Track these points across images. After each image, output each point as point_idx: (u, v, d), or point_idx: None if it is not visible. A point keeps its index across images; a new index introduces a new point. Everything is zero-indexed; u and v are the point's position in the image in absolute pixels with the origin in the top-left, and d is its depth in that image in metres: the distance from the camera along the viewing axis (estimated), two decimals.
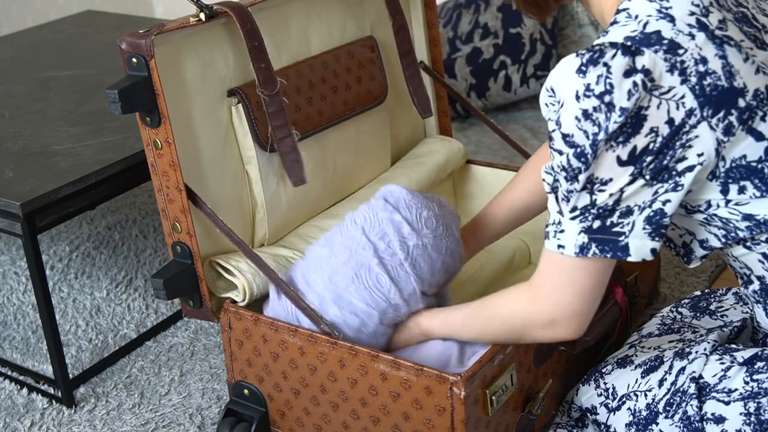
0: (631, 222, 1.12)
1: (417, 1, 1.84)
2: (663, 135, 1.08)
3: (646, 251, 1.13)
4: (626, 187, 1.10)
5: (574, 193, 1.12)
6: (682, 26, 1.09)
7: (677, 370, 1.26)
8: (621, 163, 1.09)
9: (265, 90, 1.46)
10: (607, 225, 1.12)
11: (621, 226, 1.12)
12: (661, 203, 1.11)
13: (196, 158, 1.44)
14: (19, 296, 2.00)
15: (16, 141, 1.71)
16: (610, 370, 1.36)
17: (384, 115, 1.76)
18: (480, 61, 2.62)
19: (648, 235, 1.12)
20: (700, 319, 1.45)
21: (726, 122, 1.08)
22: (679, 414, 1.23)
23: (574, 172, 1.11)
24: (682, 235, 1.23)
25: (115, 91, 1.31)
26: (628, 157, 1.08)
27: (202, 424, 1.56)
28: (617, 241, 1.12)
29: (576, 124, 1.08)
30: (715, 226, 1.17)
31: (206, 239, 1.45)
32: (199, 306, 1.45)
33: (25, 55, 2.22)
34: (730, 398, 1.20)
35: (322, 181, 1.64)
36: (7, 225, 1.54)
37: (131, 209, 2.35)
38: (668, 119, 1.07)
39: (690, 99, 1.07)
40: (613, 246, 1.13)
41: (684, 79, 1.07)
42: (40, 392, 1.67)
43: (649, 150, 1.08)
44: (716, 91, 1.08)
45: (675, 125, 1.07)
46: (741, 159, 1.10)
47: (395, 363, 1.27)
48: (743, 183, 1.11)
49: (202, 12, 1.38)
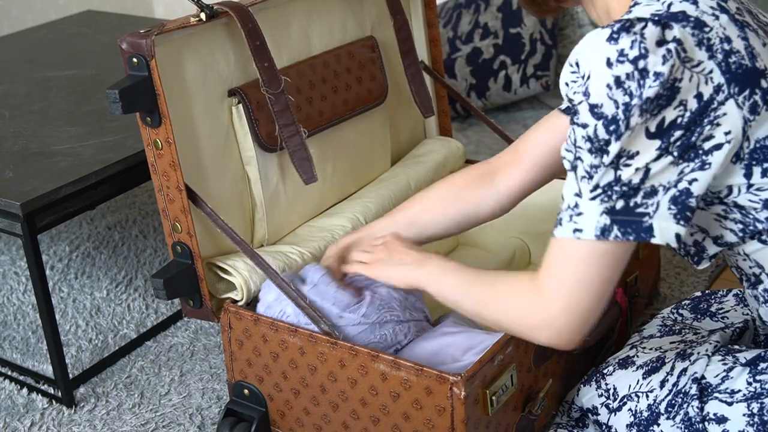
0: (655, 202, 1.07)
1: (417, 1, 1.84)
2: (691, 110, 1.06)
3: (671, 235, 1.07)
4: (652, 164, 1.06)
5: (599, 169, 1.07)
6: (705, 8, 1.10)
7: (679, 371, 1.26)
8: (649, 136, 1.05)
9: (270, 89, 1.46)
10: (630, 206, 1.07)
11: (645, 206, 1.07)
12: (687, 183, 1.07)
13: (197, 158, 1.44)
14: (19, 296, 2.00)
15: (16, 141, 1.71)
16: (611, 371, 1.36)
17: (384, 115, 1.76)
18: (480, 61, 2.62)
19: (673, 217, 1.07)
20: (701, 321, 1.45)
21: (752, 101, 1.08)
22: (681, 415, 1.23)
23: (600, 144, 1.06)
24: (694, 233, 1.20)
25: (115, 91, 1.31)
26: (656, 129, 1.05)
27: (202, 424, 1.56)
28: (641, 222, 1.07)
29: (607, 92, 1.04)
30: (733, 219, 1.15)
31: (206, 239, 1.45)
32: (199, 306, 1.45)
33: (25, 55, 2.22)
34: (733, 399, 1.20)
35: (322, 181, 1.64)
36: (7, 225, 1.54)
37: (131, 209, 2.35)
38: (697, 93, 1.06)
39: (717, 75, 1.07)
40: (636, 227, 1.07)
41: (711, 55, 1.07)
42: (40, 392, 1.67)
43: (677, 124, 1.05)
44: (741, 70, 1.08)
45: (704, 100, 1.06)
46: (765, 140, 1.09)
47: (395, 363, 1.27)
48: (767, 165, 1.10)
49: (202, 12, 1.38)
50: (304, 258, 1.52)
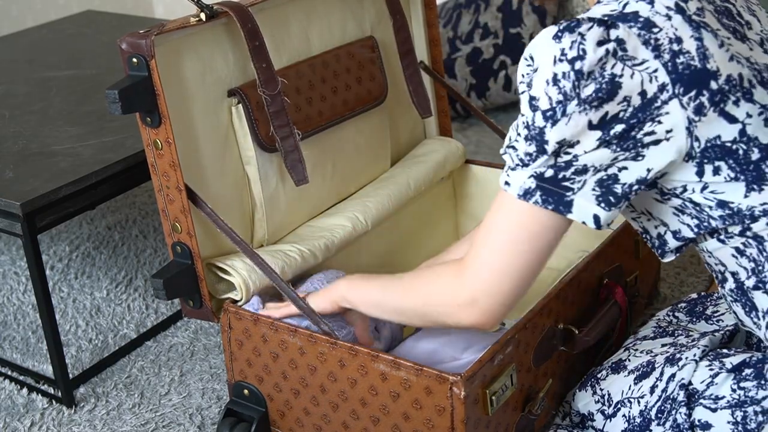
0: (582, 180, 1.11)
1: (417, 1, 1.84)
2: (634, 106, 1.09)
3: (588, 215, 1.12)
4: (590, 150, 1.10)
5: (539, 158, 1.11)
6: (660, 8, 1.11)
7: (668, 376, 1.26)
8: (591, 127, 1.09)
9: (267, 90, 1.46)
10: (558, 177, 1.11)
11: (572, 182, 1.11)
12: (617, 169, 1.11)
13: (196, 158, 1.44)
14: (19, 296, 2.00)
15: (16, 141, 1.71)
16: (605, 375, 1.36)
17: (384, 116, 1.76)
18: (480, 61, 2.62)
19: (595, 198, 1.11)
20: (696, 324, 1.45)
21: (697, 101, 1.09)
22: (670, 421, 1.23)
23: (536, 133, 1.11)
24: (657, 226, 1.23)
25: (115, 92, 1.31)
26: (599, 121, 1.08)
27: (202, 424, 1.56)
28: (563, 195, 1.11)
29: (544, 87, 1.09)
30: (689, 214, 1.17)
31: (206, 239, 1.45)
32: (199, 306, 1.45)
33: (25, 55, 2.22)
34: (717, 405, 1.20)
35: (321, 181, 1.64)
36: (7, 225, 1.54)
37: (131, 209, 2.35)
38: (641, 90, 1.08)
39: (663, 74, 1.09)
40: (557, 199, 1.11)
41: (657, 55, 1.09)
42: (40, 392, 1.67)
43: (619, 118, 1.09)
44: (689, 70, 1.09)
45: (647, 98, 1.09)
46: (716, 139, 1.11)
47: (395, 363, 1.27)
48: (718, 163, 1.12)
49: (202, 12, 1.38)
50: (303, 256, 1.52)
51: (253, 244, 1.57)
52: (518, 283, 1.16)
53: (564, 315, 1.43)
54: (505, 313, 1.18)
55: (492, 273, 1.16)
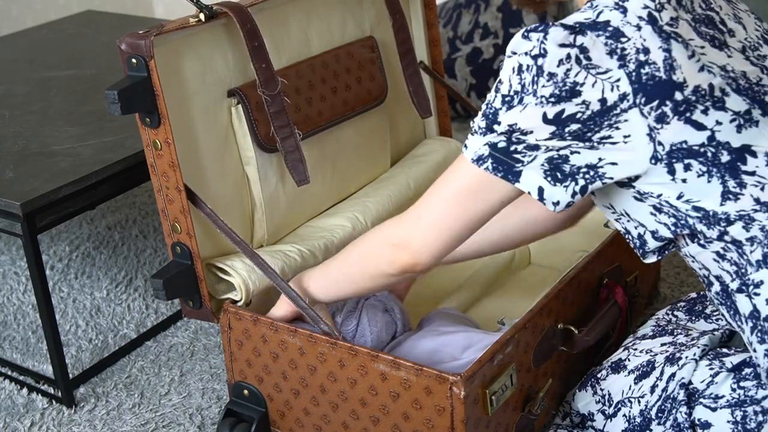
0: (533, 155, 1.14)
1: (417, 1, 1.84)
2: (593, 110, 1.11)
3: (534, 186, 1.15)
4: (542, 141, 1.14)
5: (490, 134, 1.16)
6: (631, 18, 1.13)
7: (668, 376, 1.26)
8: (546, 121, 1.12)
9: (267, 90, 1.46)
10: (510, 150, 1.15)
11: (523, 155, 1.15)
12: (569, 152, 1.13)
13: (196, 159, 1.44)
14: (19, 296, 2.00)
15: (16, 141, 1.71)
16: (605, 375, 1.36)
17: (384, 116, 1.76)
18: (480, 61, 2.62)
19: (543, 173, 1.15)
20: (696, 323, 1.45)
21: (659, 111, 1.11)
22: (671, 420, 1.23)
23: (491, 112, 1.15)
24: (637, 227, 1.23)
25: (114, 92, 1.31)
26: (554, 117, 1.11)
27: (202, 424, 1.56)
28: (513, 165, 1.15)
29: (509, 74, 1.14)
30: (665, 213, 1.18)
31: (206, 240, 1.45)
32: (199, 306, 1.45)
33: (25, 55, 2.22)
34: (717, 405, 1.21)
35: (321, 181, 1.64)
36: (7, 225, 1.54)
37: (131, 209, 2.35)
38: (601, 98, 1.10)
39: (625, 84, 1.10)
40: (507, 168, 1.16)
41: (622, 64, 1.10)
42: (40, 392, 1.67)
43: (575, 118, 1.11)
44: (652, 81, 1.10)
45: (606, 105, 1.10)
46: (681, 144, 1.12)
47: (395, 363, 1.27)
48: (688, 161, 1.13)
49: (201, 12, 1.38)
50: (303, 256, 1.52)
51: (252, 244, 1.57)
52: (451, 235, 1.22)
53: (564, 315, 1.43)
54: (431, 263, 1.24)
55: (430, 221, 1.22)
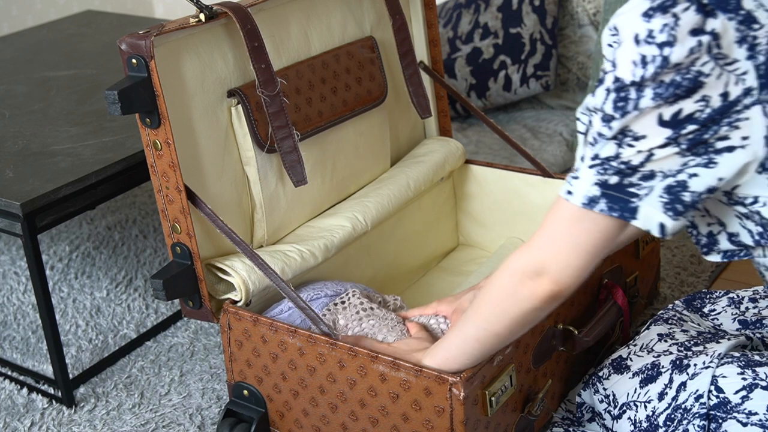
0: (649, 187, 1.05)
1: (417, 1, 1.83)
2: (713, 107, 1.01)
3: (654, 222, 1.06)
4: (657, 150, 1.03)
5: (602, 139, 1.05)
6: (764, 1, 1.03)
7: (677, 384, 1.25)
8: (661, 123, 1.02)
9: (266, 90, 1.46)
10: (624, 184, 1.05)
11: (638, 188, 1.05)
12: (687, 175, 1.04)
13: (196, 159, 1.44)
14: (19, 296, 2.00)
15: (16, 141, 1.71)
16: (608, 374, 1.35)
17: (384, 116, 1.76)
18: (480, 61, 2.62)
19: (663, 206, 1.05)
20: (691, 314, 1.45)
21: None
22: (680, 431, 1.22)
23: (609, 117, 1.05)
24: (711, 224, 1.16)
25: (114, 92, 1.31)
26: (671, 118, 1.02)
27: (202, 424, 1.56)
28: (628, 201, 1.06)
29: (631, 69, 1.01)
30: (753, 221, 1.11)
31: (206, 240, 1.45)
32: (199, 307, 1.45)
33: (25, 55, 2.22)
34: (749, 420, 1.18)
35: (321, 181, 1.64)
36: (7, 225, 1.54)
37: (131, 209, 2.35)
38: (723, 92, 1.01)
39: (752, 77, 1.01)
40: (622, 206, 1.06)
41: (751, 55, 1.01)
42: (40, 392, 1.67)
43: (694, 118, 1.01)
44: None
45: (728, 100, 1.01)
46: None
47: (394, 364, 1.27)
48: None
49: (201, 12, 1.38)
50: (303, 256, 1.52)
51: (252, 244, 1.57)
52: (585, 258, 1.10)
53: (563, 315, 1.43)
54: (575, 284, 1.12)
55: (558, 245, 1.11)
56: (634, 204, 1.06)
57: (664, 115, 1.02)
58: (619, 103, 1.03)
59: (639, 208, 1.06)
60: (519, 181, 1.85)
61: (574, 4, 2.64)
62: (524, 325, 1.19)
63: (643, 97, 1.02)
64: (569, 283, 1.12)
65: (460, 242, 1.98)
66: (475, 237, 1.96)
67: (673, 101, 1.01)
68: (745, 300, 1.47)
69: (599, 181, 1.07)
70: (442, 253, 1.94)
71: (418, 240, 1.85)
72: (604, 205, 1.07)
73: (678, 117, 1.02)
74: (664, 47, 0.99)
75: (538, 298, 1.14)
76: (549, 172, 1.81)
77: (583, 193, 1.08)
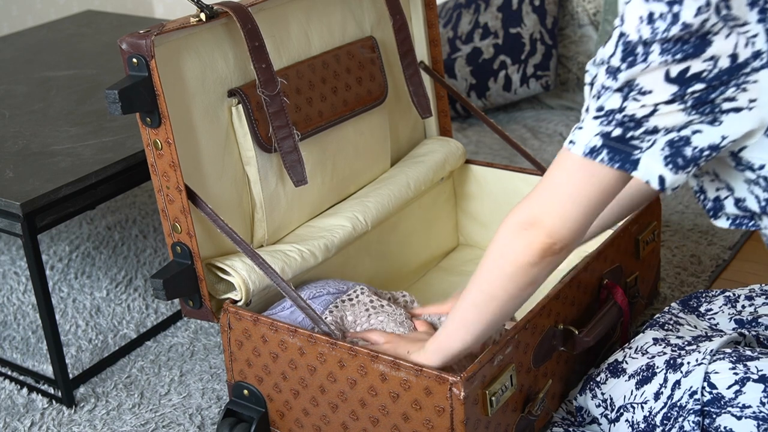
0: (652, 140, 1.05)
1: (417, 1, 1.84)
2: (721, 68, 1.01)
3: (654, 174, 1.06)
4: (661, 106, 1.03)
5: (607, 92, 1.05)
6: None
7: (672, 383, 1.25)
8: (668, 80, 1.02)
9: (266, 90, 1.46)
10: (626, 137, 1.05)
11: (640, 140, 1.05)
12: (690, 131, 1.04)
13: (196, 159, 1.44)
14: (19, 296, 2.00)
15: (16, 141, 1.71)
16: (604, 378, 1.36)
17: (384, 116, 1.76)
18: (480, 61, 2.62)
19: (663, 159, 1.05)
20: (687, 315, 1.45)
21: None
22: (676, 428, 1.23)
23: (613, 69, 1.05)
24: (720, 188, 1.15)
25: (115, 92, 1.31)
26: (677, 76, 1.01)
27: (202, 424, 1.56)
28: (630, 153, 1.06)
29: (637, 24, 1.02)
30: (761, 187, 1.10)
31: (206, 240, 1.45)
32: (199, 306, 1.45)
33: (25, 55, 2.22)
34: (743, 414, 1.19)
35: (321, 181, 1.64)
36: (7, 225, 1.54)
37: (131, 209, 2.35)
38: (732, 53, 1.01)
39: (762, 40, 1.00)
40: (624, 157, 1.06)
41: (762, 19, 1.00)
42: (40, 392, 1.67)
43: (701, 77, 1.01)
44: None
45: (737, 62, 1.01)
46: None
47: (395, 364, 1.27)
48: None
49: (202, 12, 1.38)
50: (303, 256, 1.52)
51: (252, 244, 1.57)
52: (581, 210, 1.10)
53: (564, 315, 1.43)
54: (572, 238, 1.12)
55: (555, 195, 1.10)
56: (635, 156, 1.06)
57: (671, 72, 1.02)
58: (627, 58, 1.03)
59: (640, 160, 1.06)
60: (519, 181, 1.85)
61: (574, 4, 2.64)
62: (521, 286, 1.17)
63: (651, 53, 1.02)
64: (564, 235, 1.11)
65: (460, 242, 1.98)
66: (475, 237, 1.96)
67: (681, 59, 1.01)
68: (741, 298, 1.47)
69: (602, 132, 1.06)
70: (442, 253, 1.94)
71: (418, 240, 1.85)
72: (605, 155, 1.07)
73: (685, 75, 1.02)
74: (674, 5, 0.99)
75: (533, 250, 1.13)
76: None
77: (585, 143, 1.08)
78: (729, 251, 1.94)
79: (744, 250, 1.95)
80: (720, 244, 1.96)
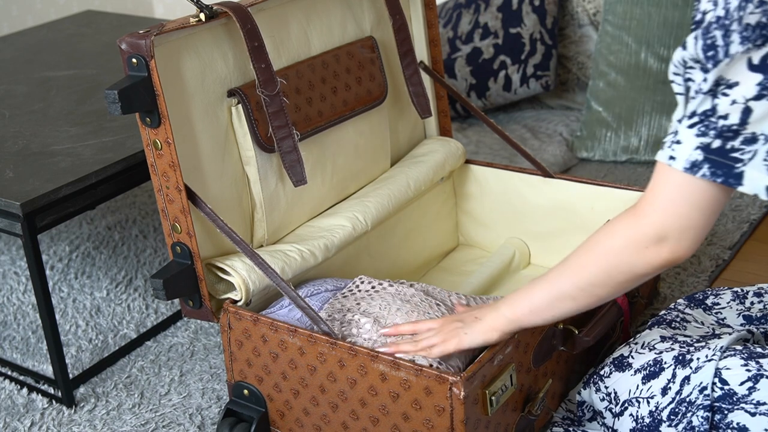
0: (753, 150, 1.02)
1: (417, 1, 1.84)
2: None
3: (761, 186, 1.03)
4: (752, 102, 1.01)
5: (699, 94, 1.04)
6: None
7: (681, 378, 1.25)
8: (751, 67, 1.00)
9: (266, 90, 1.46)
10: (726, 148, 1.03)
11: (741, 152, 1.03)
12: None
13: (196, 159, 1.44)
14: (19, 296, 2.00)
15: (16, 141, 1.71)
16: (609, 372, 1.35)
17: (384, 116, 1.76)
18: (480, 61, 2.62)
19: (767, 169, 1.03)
20: (694, 309, 1.44)
21: None
22: (684, 423, 1.22)
23: (705, 68, 1.03)
24: None
25: (114, 92, 1.31)
26: (760, 62, 1.00)
27: (202, 424, 1.56)
28: (732, 167, 1.03)
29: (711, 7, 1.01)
30: None
31: (206, 240, 1.45)
32: (199, 306, 1.45)
33: (25, 55, 2.22)
34: (757, 410, 1.19)
35: (321, 181, 1.64)
36: (7, 225, 1.54)
37: (131, 209, 2.35)
38: None
39: None
40: (726, 171, 1.03)
41: None
42: (40, 392, 1.67)
43: None
44: None
45: None
46: None
47: (395, 363, 1.27)
48: None
49: (202, 12, 1.38)
50: (303, 256, 1.52)
51: (252, 244, 1.57)
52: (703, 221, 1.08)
53: None
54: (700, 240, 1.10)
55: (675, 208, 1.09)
56: (738, 169, 1.04)
57: (753, 59, 1.00)
58: (708, 52, 1.02)
59: (744, 173, 1.04)
60: (519, 181, 1.85)
61: (574, 4, 2.64)
62: (626, 289, 1.18)
63: (732, 42, 1.00)
64: (688, 252, 1.10)
65: (460, 242, 1.98)
66: (475, 237, 1.96)
67: (761, 44, 0.99)
68: (750, 294, 1.47)
69: (701, 144, 1.04)
70: (442, 253, 1.94)
71: (418, 240, 1.85)
72: (707, 170, 1.05)
73: (766, 61, 1.00)
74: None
75: (654, 266, 1.13)
76: (549, 172, 1.81)
77: (686, 158, 1.05)
78: (729, 251, 1.94)
79: (744, 250, 1.95)
80: (720, 244, 1.96)
